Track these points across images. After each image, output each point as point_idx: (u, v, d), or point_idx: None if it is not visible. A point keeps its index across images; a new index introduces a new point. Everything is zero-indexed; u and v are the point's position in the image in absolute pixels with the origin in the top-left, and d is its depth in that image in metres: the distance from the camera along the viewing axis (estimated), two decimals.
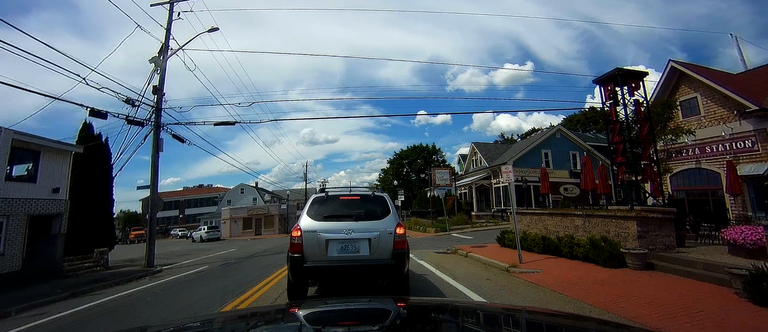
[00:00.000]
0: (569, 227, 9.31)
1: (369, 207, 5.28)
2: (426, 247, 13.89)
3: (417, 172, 51.80)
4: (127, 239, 53.54)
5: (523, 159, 24.35)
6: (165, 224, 69.56)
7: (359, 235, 4.89)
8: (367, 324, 1.40)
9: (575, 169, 25.58)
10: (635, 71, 9.93)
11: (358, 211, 5.19)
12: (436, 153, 51.65)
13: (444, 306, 1.99)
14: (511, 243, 10.87)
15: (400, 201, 27.52)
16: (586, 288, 5.89)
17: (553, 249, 8.92)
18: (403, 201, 28.46)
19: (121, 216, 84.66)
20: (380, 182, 55.39)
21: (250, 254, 15.77)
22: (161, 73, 14.19)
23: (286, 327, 1.46)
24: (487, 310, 1.91)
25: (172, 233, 59.74)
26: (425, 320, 1.47)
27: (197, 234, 35.14)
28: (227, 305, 6.04)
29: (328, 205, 5.27)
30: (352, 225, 4.94)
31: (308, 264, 4.78)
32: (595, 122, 52.26)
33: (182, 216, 71.37)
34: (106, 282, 10.01)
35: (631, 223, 7.50)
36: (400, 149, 53.11)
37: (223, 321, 1.77)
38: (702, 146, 12.39)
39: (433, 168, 23.89)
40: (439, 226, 21.91)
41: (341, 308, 1.71)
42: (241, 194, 54.16)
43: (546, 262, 8.18)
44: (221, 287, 8.03)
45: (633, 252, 7.03)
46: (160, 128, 13.56)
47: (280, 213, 37.68)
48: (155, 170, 13.27)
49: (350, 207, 5.28)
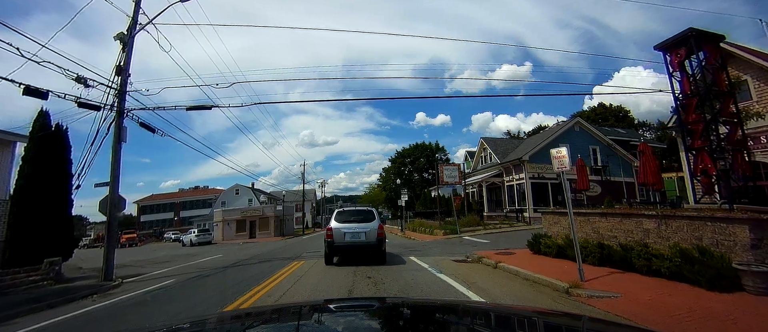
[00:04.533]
0: (633, 232, 7.17)
1: (365, 216, 9.74)
2: (438, 253, 11.76)
3: (419, 171, 49.72)
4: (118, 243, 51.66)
5: (540, 154, 22.20)
6: (159, 227, 67.41)
7: (360, 230, 9.17)
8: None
9: (596, 165, 23.43)
10: (711, 34, 7.79)
11: (359, 218, 9.57)
12: (439, 151, 49.58)
13: (436, 305, 2.20)
14: (548, 250, 8.75)
15: (403, 201, 25.44)
16: (707, 327, 3.77)
17: (617, 261, 6.78)
18: (407, 201, 26.33)
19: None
20: (381, 182, 53.32)
21: (233, 262, 13.63)
22: (127, 51, 12.07)
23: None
24: (487, 310, 1.97)
25: (165, 236, 57.56)
26: (425, 319, 1.49)
27: (187, 238, 33.02)
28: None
29: (344, 214, 9.79)
30: (356, 226, 9.26)
31: (336, 244, 9.12)
32: (605, 118, 50.23)
33: (177, 219, 69.20)
34: (42, 302, 7.87)
35: (740, 227, 5.37)
36: (402, 147, 51.00)
37: (252, 316, 1.84)
38: (755, 136, 10.28)
39: (440, 164, 21.76)
40: (447, 228, 19.79)
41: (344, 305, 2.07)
42: (236, 195, 52.00)
43: (616, 280, 6.04)
44: (174, 312, 5.96)
45: (756, 269, 4.89)
46: (123, 114, 11.44)
47: (276, 215, 35.47)
48: (117, 164, 11.14)
49: (355, 216, 9.71)
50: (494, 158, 26.28)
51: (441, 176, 21.44)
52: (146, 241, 57.67)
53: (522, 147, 26.02)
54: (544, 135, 25.10)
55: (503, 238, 15.40)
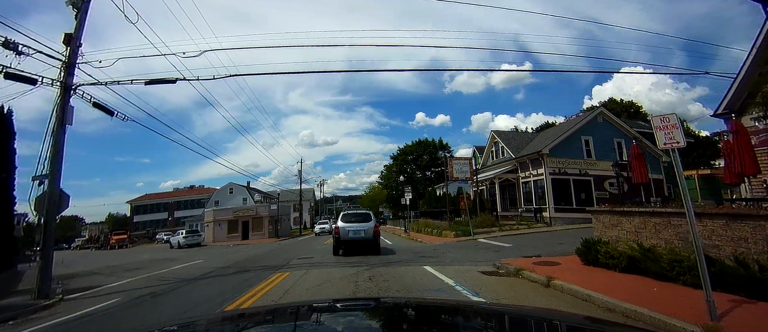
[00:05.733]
0: (748, 240, 5.00)
1: (364, 217, 12.35)
2: (457, 260, 9.57)
3: (422, 169, 47.51)
4: (108, 245, 49.32)
5: (561, 147, 20.01)
6: (153, 228, 65.21)
7: (360, 228, 11.67)
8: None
9: (621, 160, 21.23)
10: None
11: (360, 219, 12.20)
12: (443, 149, 47.35)
13: (436, 304, 2.18)
14: (612, 262, 6.56)
15: (408, 200, 23.28)
16: None
17: (735, 283, 4.60)
18: (411, 200, 24.17)
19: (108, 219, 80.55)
20: (383, 180, 51.09)
21: (207, 271, 11.45)
22: (80, 18, 9.91)
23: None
24: (487, 310, 1.98)
25: (157, 237, 55.26)
26: (422, 318, 1.50)
27: (175, 239, 30.86)
28: None
29: (348, 216, 12.44)
30: (357, 225, 11.80)
31: (342, 239, 11.60)
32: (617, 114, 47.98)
33: (171, 219, 66.93)
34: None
35: None
36: (405, 144, 48.77)
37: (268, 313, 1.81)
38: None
39: (449, 158, 19.57)
40: (458, 229, 17.60)
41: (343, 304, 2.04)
42: (229, 194, 49.73)
43: (754, 313, 3.86)
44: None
45: None
46: (69, 90, 9.27)
47: (270, 214, 33.20)
48: (58, 154, 8.94)
49: (357, 217, 12.35)
50: (507, 153, 24.05)
51: (450, 171, 19.23)
52: (138, 242, 55.53)
53: (538, 140, 23.80)
54: (563, 127, 22.85)
55: (527, 241, 13.25)
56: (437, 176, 46.86)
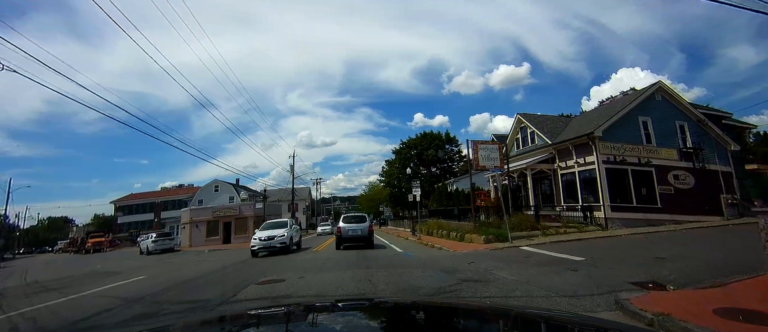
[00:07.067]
0: None
1: (361, 218, 15.37)
2: (529, 293, 5.25)
3: (427, 165, 43.40)
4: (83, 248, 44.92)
5: (615, 129, 15.93)
6: (137, 230, 60.67)
7: (358, 228, 14.37)
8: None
9: (685, 147, 17.15)
10: None
11: (357, 220, 15.03)
12: (450, 142, 43.27)
13: (436, 304, 2.19)
14: None
15: (418, 196, 19.16)
16: None
17: None
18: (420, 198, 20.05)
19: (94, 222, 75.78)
20: (384, 178, 46.96)
21: (100, 309, 7.21)
22: None
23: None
24: (488, 310, 1.93)
25: (138, 240, 50.79)
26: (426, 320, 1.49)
27: (144, 244, 26.58)
28: None
29: (347, 219, 15.29)
30: (355, 225, 14.52)
31: (343, 236, 14.34)
32: None
33: (157, 220, 62.40)
34: None
35: None
36: (408, 137, 44.67)
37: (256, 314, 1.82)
38: None
39: (474, 142, 15.44)
40: (490, 232, 13.41)
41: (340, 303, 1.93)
42: (215, 192, 45.35)
43: None
44: None
45: None
46: None
47: (255, 214, 28.93)
48: None
49: (355, 219, 15.23)
50: (539, 139, 19.88)
51: (475, 158, 15.07)
52: (120, 245, 51.03)
53: (577, 122, 19.62)
54: (616, 106, 18.58)
55: (596, 253, 9.11)
56: (444, 172, 42.75)
